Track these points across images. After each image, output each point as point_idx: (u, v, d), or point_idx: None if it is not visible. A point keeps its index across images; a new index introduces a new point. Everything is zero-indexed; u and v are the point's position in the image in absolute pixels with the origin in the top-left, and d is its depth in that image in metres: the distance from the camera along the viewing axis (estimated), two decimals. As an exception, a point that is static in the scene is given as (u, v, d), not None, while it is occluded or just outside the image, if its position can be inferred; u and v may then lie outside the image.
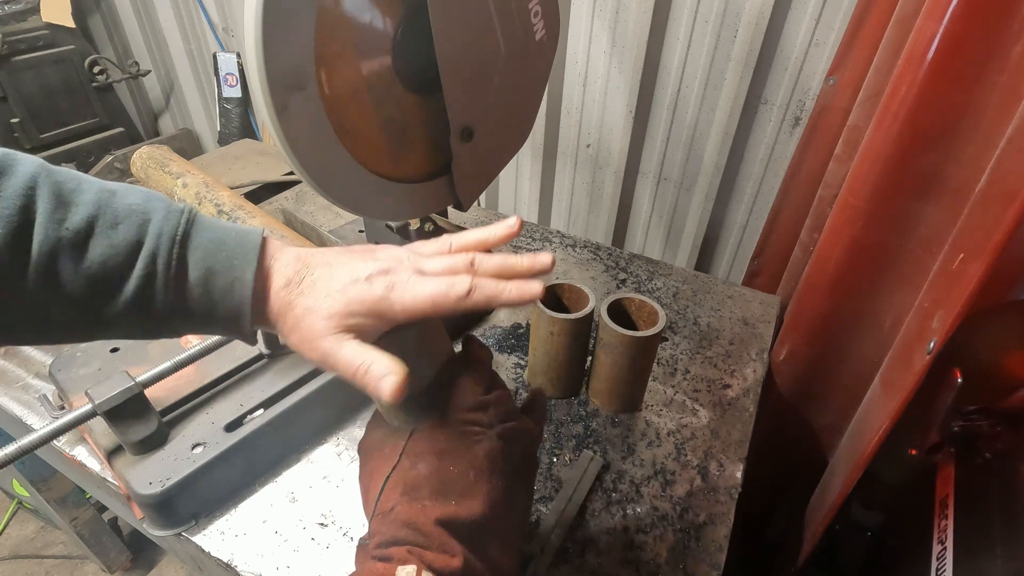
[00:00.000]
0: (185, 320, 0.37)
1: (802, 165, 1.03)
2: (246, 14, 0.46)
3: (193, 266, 0.35)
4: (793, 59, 1.11)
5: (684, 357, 0.85)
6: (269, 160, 1.32)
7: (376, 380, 0.34)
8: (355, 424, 0.72)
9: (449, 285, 0.36)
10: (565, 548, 0.60)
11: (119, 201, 0.35)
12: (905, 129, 0.65)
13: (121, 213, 0.35)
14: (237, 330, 0.37)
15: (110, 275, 0.34)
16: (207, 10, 1.86)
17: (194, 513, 0.60)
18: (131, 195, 0.36)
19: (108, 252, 0.34)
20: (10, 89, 1.70)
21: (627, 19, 1.20)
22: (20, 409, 0.72)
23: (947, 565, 0.56)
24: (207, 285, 0.36)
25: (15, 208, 0.32)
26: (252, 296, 0.36)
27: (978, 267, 0.49)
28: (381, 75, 0.58)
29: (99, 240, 0.34)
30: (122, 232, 0.34)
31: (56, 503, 1.23)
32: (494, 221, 1.20)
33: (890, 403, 0.60)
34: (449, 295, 0.36)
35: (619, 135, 1.34)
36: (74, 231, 0.33)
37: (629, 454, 0.70)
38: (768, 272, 1.15)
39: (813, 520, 0.78)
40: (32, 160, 0.34)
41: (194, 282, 0.35)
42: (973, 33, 0.59)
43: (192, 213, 0.37)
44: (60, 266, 0.33)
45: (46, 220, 0.32)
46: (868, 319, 0.79)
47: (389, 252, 0.40)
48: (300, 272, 0.37)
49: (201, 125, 2.19)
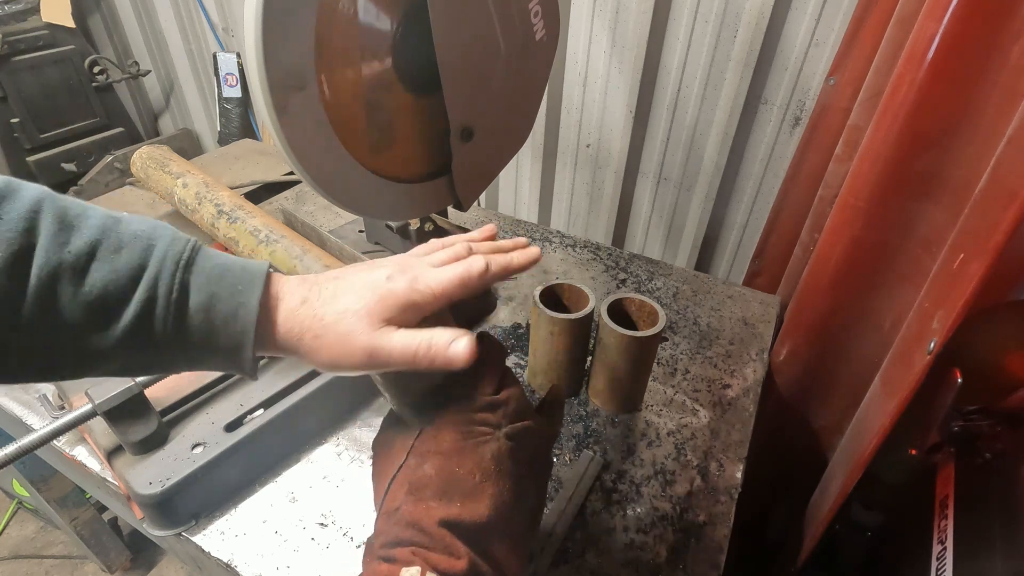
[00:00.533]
0: (183, 350, 0.35)
1: (802, 165, 1.03)
2: (246, 14, 0.46)
3: (196, 291, 0.34)
4: (793, 59, 1.11)
5: (684, 357, 0.85)
6: (269, 160, 1.32)
7: (444, 350, 0.35)
8: (355, 424, 0.72)
9: (467, 265, 0.39)
10: (565, 548, 0.60)
11: (124, 227, 0.34)
12: (905, 129, 0.65)
13: (125, 238, 0.34)
14: (237, 360, 0.36)
15: (110, 299, 0.32)
16: (207, 10, 1.86)
17: (194, 513, 0.60)
18: (136, 223, 0.35)
19: (109, 276, 0.32)
20: (10, 89, 1.70)
21: (627, 19, 1.20)
22: (20, 409, 0.72)
23: (947, 565, 0.56)
24: (209, 311, 0.34)
25: (17, 231, 0.31)
26: (257, 323, 0.35)
27: (978, 267, 0.49)
28: (381, 75, 0.58)
29: (101, 264, 0.32)
30: (125, 256, 0.33)
31: (56, 503, 1.23)
32: (494, 221, 1.20)
33: (890, 403, 0.60)
34: (472, 272, 0.38)
35: (619, 135, 1.34)
36: (76, 255, 0.32)
37: (629, 454, 0.70)
38: (768, 272, 1.15)
39: (813, 520, 0.78)
40: (37, 187, 0.33)
41: (196, 308, 0.34)
42: (973, 33, 0.59)
43: (197, 242, 0.36)
44: (60, 291, 0.31)
45: (48, 243, 0.31)
46: (868, 319, 0.79)
47: (391, 259, 0.41)
48: (314, 290, 0.37)
49: (201, 125, 2.19)
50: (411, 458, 0.37)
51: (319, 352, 0.36)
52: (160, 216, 1.07)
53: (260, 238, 0.79)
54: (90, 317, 0.32)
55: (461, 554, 0.33)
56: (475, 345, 0.36)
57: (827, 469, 0.82)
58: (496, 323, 0.90)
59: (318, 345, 0.36)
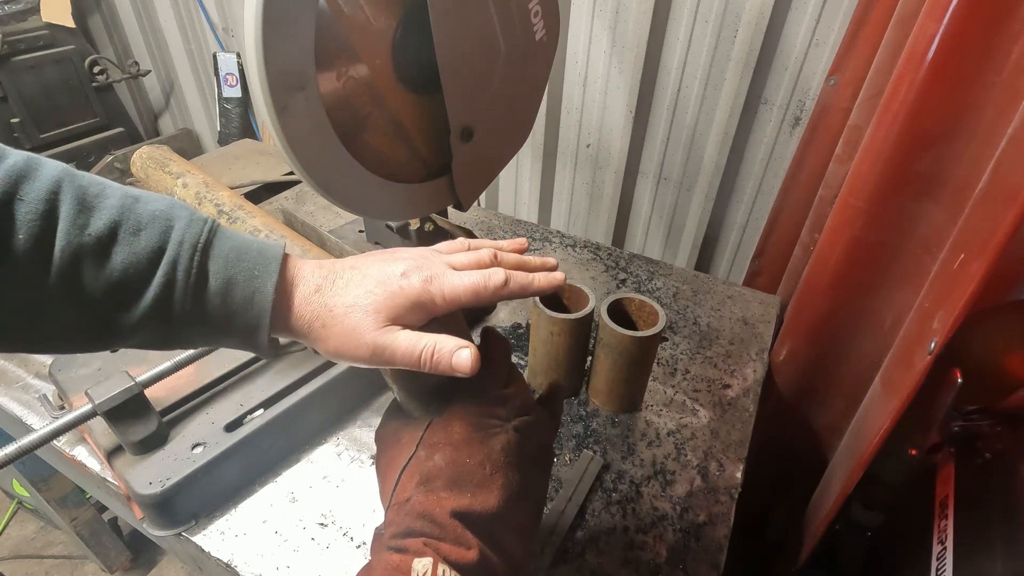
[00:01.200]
0: (201, 330, 0.36)
1: (802, 165, 1.03)
2: (246, 14, 0.46)
3: (213, 276, 0.35)
4: (793, 59, 1.11)
5: (684, 357, 0.85)
6: (269, 160, 1.32)
7: (447, 358, 0.36)
8: (355, 424, 0.72)
9: (486, 276, 0.38)
10: (565, 548, 0.60)
11: (142, 207, 0.35)
12: (905, 129, 0.65)
13: (144, 219, 0.34)
14: (254, 342, 0.37)
15: (131, 282, 0.33)
16: (207, 10, 1.86)
17: (194, 513, 0.60)
18: (154, 201, 0.35)
19: (130, 259, 0.33)
20: (10, 89, 1.70)
21: (627, 19, 1.20)
22: (20, 409, 0.72)
23: (947, 565, 0.56)
24: (226, 296, 0.35)
25: (37, 213, 0.31)
26: (272, 308, 0.36)
27: (979, 267, 0.49)
28: (381, 75, 0.58)
29: (121, 247, 0.33)
30: (144, 239, 0.34)
31: (56, 503, 1.23)
32: (494, 221, 1.20)
33: (890, 403, 0.60)
34: (488, 285, 0.38)
35: (619, 135, 1.34)
36: (96, 237, 0.32)
37: (629, 454, 0.70)
38: (769, 272, 1.15)
39: (813, 520, 0.78)
40: (56, 165, 0.34)
41: (213, 292, 0.35)
42: (973, 33, 0.59)
43: (215, 223, 0.37)
44: (82, 272, 0.32)
45: (68, 226, 0.32)
46: (868, 319, 0.79)
47: (412, 251, 0.41)
48: (329, 277, 0.38)
49: (201, 125, 2.19)
50: (421, 449, 0.38)
51: (326, 341, 0.37)
52: (160, 216, 1.07)
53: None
54: (112, 297, 0.33)
55: (472, 544, 0.34)
56: (478, 356, 0.36)
57: (827, 469, 0.82)
58: (496, 323, 0.90)
59: (326, 334, 0.36)
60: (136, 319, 0.34)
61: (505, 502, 0.36)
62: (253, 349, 0.38)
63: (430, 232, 0.87)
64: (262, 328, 0.36)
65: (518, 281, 0.40)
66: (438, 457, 0.37)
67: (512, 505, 0.37)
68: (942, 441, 0.66)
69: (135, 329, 0.34)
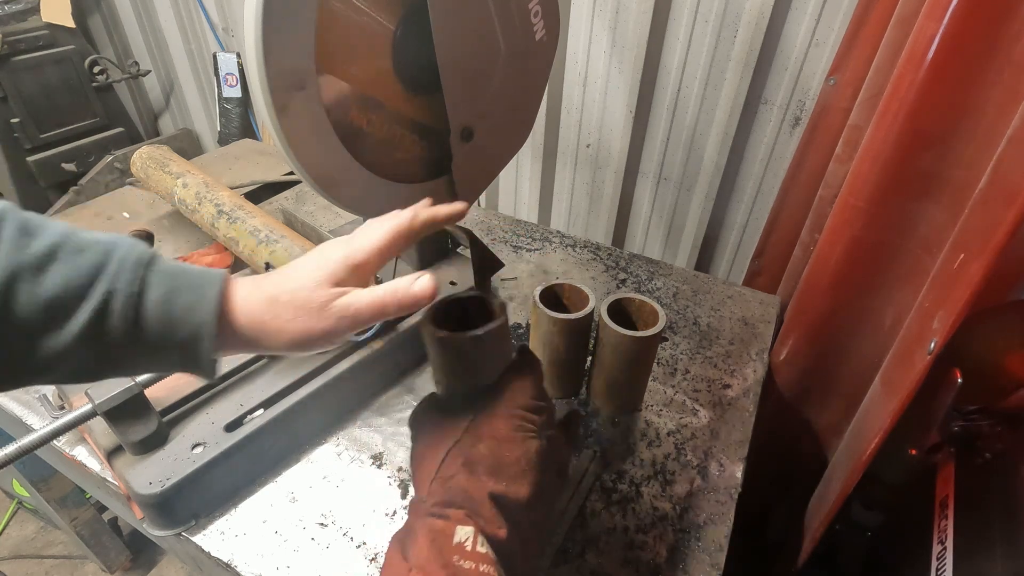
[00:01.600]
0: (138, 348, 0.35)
1: (802, 165, 1.03)
2: (246, 14, 0.46)
3: (155, 287, 0.35)
4: (793, 59, 1.11)
5: (684, 357, 0.85)
6: (269, 160, 1.32)
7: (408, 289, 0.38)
8: (355, 424, 0.72)
9: (397, 218, 0.42)
10: (565, 548, 0.60)
11: (85, 235, 0.35)
12: (905, 129, 0.65)
13: (86, 243, 0.34)
14: (195, 355, 0.36)
15: (68, 296, 0.33)
16: (207, 10, 1.86)
17: (194, 513, 0.60)
18: (97, 233, 0.36)
19: (70, 274, 0.33)
20: (10, 89, 1.70)
21: (627, 19, 1.20)
22: (20, 409, 0.72)
23: (947, 565, 0.56)
24: (168, 304, 0.35)
25: None
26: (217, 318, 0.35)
27: (979, 267, 0.49)
28: (381, 75, 0.58)
29: (61, 265, 0.33)
30: (86, 256, 0.34)
31: (56, 503, 1.23)
32: (494, 221, 1.20)
33: (890, 403, 0.60)
34: (401, 224, 0.41)
35: (619, 135, 1.34)
36: (36, 256, 0.32)
37: (629, 454, 0.70)
38: (769, 272, 1.15)
39: (813, 520, 0.78)
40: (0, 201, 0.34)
41: (154, 301, 0.34)
42: (973, 33, 0.59)
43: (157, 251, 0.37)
44: (17, 290, 0.32)
45: (9, 248, 0.32)
46: (868, 319, 0.79)
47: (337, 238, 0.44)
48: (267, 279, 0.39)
49: (201, 125, 2.19)
50: (467, 437, 0.40)
51: (283, 331, 0.37)
52: (160, 216, 1.07)
53: (260, 238, 0.79)
54: (46, 316, 0.32)
55: (503, 525, 0.37)
56: (435, 280, 0.39)
57: (827, 469, 0.82)
58: (496, 323, 0.90)
59: (280, 324, 0.37)
60: (69, 339, 0.33)
61: (533, 497, 0.39)
62: (193, 363, 0.37)
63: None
64: (205, 336, 0.35)
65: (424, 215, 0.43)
66: (482, 446, 0.39)
67: (536, 502, 0.39)
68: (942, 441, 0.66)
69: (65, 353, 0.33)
